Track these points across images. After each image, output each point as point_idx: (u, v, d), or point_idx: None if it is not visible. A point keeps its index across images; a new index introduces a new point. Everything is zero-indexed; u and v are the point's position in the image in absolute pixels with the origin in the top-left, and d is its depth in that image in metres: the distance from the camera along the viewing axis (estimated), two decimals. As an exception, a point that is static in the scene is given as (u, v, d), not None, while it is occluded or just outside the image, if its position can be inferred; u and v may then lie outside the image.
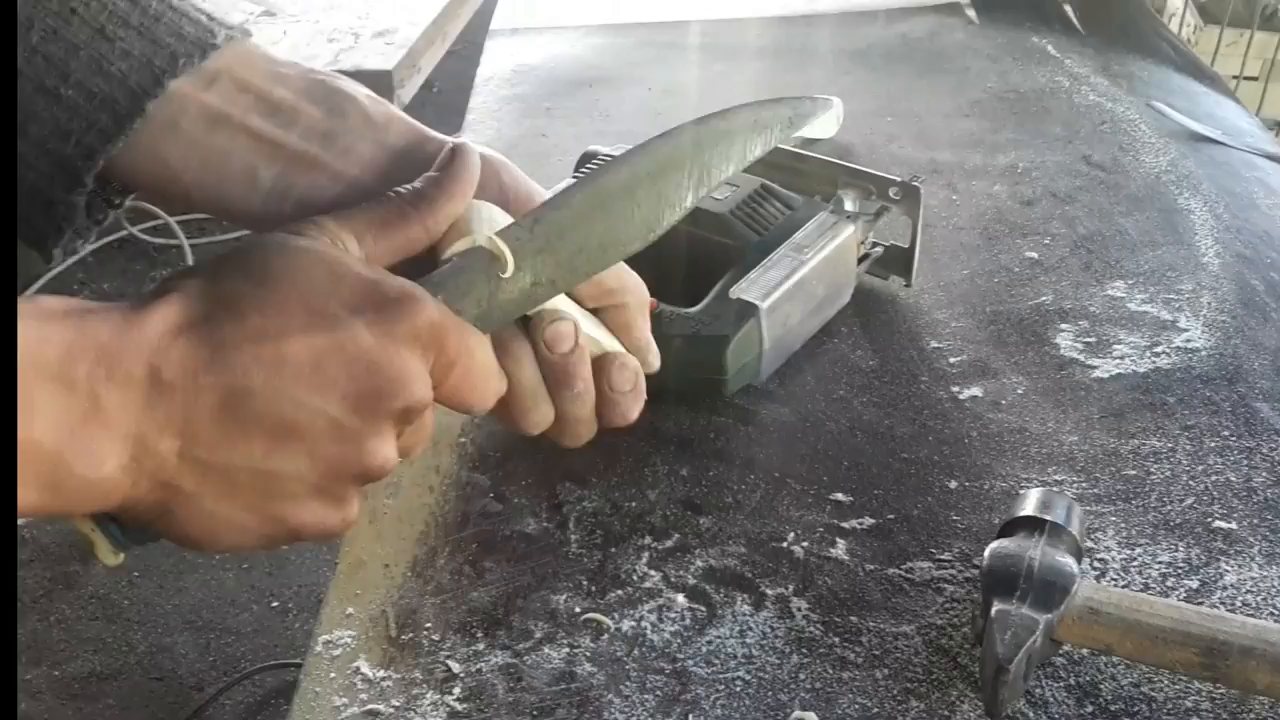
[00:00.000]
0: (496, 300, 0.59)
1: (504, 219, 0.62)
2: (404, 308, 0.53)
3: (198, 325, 0.50)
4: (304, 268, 0.53)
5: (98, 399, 0.48)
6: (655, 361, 0.68)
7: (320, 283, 0.52)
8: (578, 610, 0.77)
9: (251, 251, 0.53)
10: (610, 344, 0.65)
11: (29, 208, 0.61)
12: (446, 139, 0.64)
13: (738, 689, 0.71)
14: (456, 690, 0.71)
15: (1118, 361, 0.97)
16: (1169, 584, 0.77)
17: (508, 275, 0.58)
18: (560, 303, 0.63)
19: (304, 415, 0.51)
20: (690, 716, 0.70)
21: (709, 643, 0.74)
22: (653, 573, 0.79)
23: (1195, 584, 0.76)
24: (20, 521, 0.48)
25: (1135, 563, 0.78)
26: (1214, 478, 0.85)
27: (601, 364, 0.65)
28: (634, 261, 0.67)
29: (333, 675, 0.73)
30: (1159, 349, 0.98)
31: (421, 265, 0.60)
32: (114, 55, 0.58)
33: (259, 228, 0.62)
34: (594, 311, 0.65)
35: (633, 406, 0.65)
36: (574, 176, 0.93)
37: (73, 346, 0.48)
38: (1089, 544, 0.79)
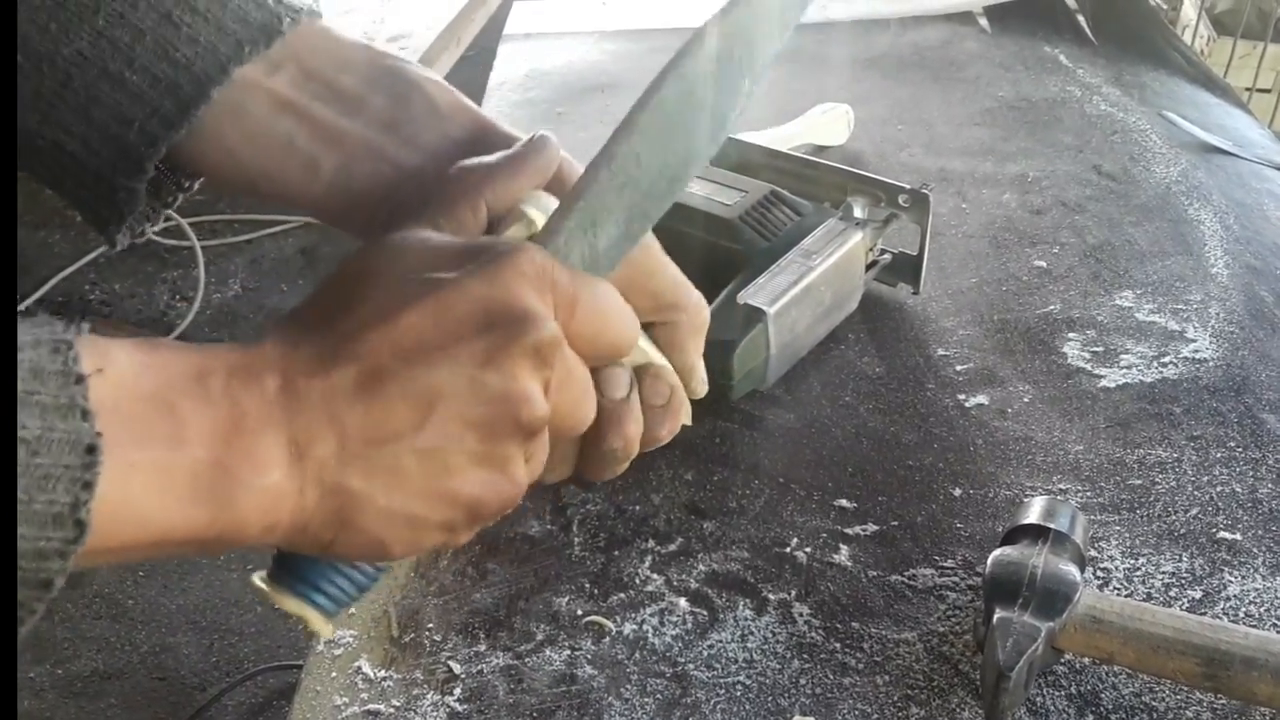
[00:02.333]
0: (598, 251, 0.56)
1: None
2: (503, 254, 0.51)
3: (315, 331, 0.50)
4: (398, 252, 0.52)
5: (240, 407, 0.47)
6: (700, 388, 0.63)
7: (418, 257, 0.52)
8: (580, 613, 0.76)
9: (345, 268, 0.53)
10: (655, 357, 0.62)
11: (91, 193, 0.61)
12: (513, 132, 0.63)
13: (738, 693, 0.71)
14: (457, 691, 0.71)
15: (1125, 371, 0.96)
16: (1172, 594, 0.76)
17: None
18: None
19: (438, 380, 0.49)
20: (690, 720, 0.69)
21: (710, 647, 0.74)
22: (655, 576, 0.79)
23: (1198, 594, 0.76)
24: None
25: (1139, 572, 0.78)
26: (1219, 488, 0.84)
27: (637, 374, 0.60)
28: None
29: (334, 674, 0.73)
30: (1166, 359, 0.98)
31: None
32: (180, 41, 0.58)
33: (322, 216, 0.62)
34: (646, 326, 0.61)
35: (662, 423, 0.60)
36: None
37: (201, 366, 0.47)
38: (1092, 553, 0.79)
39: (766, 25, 0.57)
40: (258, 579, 0.54)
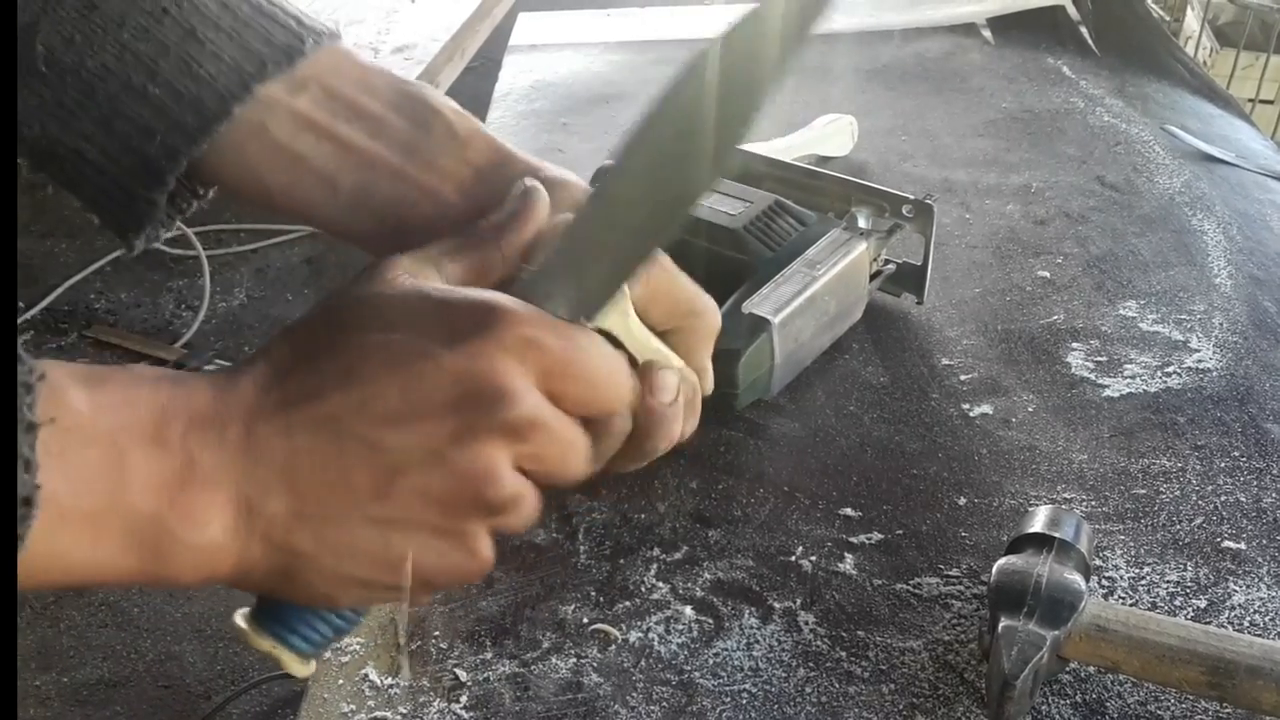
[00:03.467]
0: (587, 291, 0.55)
1: None
2: (485, 318, 0.50)
3: (285, 383, 0.49)
4: (378, 307, 0.51)
5: (194, 460, 0.47)
6: (708, 387, 0.64)
7: (395, 317, 0.51)
8: (585, 621, 0.77)
9: (329, 304, 0.53)
10: (675, 361, 0.62)
11: (111, 201, 0.62)
12: (530, 160, 0.63)
13: (744, 701, 0.71)
14: (464, 699, 0.72)
15: (1129, 381, 0.97)
16: (1177, 603, 0.77)
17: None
18: (650, 340, 0.60)
19: (403, 452, 0.48)
20: (696, 728, 0.70)
21: (716, 655, 0.74)
22: (661, 584, 0.79)
23: (1203, 603, 0.76)
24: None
25: (1143, 581, 0.78)
26: (1223, 498, 0.85)
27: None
28: None
29: (341, 682, 0.73)
30: (1170, 369, 0.98)
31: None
32: (203, 57, 0.58)
33: (343, 236, 0.62)
34: (662, 334, 0.62)
35: (687, 421, 0.60)
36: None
37: (165, 409, 0.47)
38: (1097, 562, 0.79)
39: (767, 51, 0.54)
40: (239, 618, 0.54)
